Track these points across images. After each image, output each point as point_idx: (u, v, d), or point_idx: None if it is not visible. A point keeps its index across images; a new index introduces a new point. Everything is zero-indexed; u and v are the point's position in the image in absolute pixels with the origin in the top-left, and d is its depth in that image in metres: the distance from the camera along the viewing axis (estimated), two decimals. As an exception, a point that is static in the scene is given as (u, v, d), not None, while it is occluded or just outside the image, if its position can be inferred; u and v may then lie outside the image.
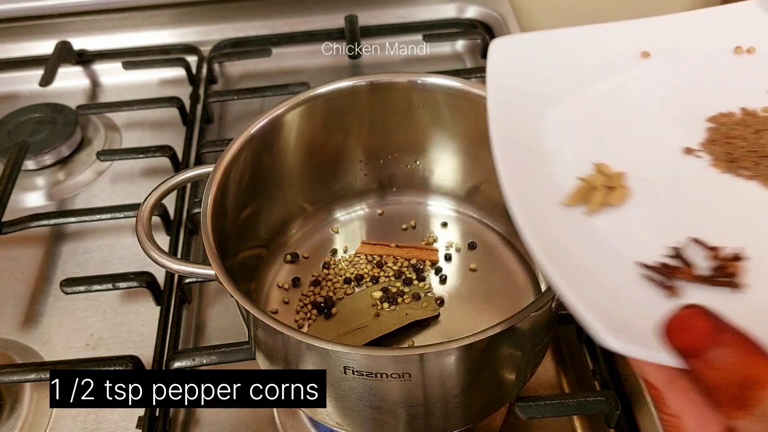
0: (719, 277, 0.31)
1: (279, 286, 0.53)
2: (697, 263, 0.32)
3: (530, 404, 0.45)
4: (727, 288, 0.31)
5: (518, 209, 0.33)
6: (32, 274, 0.62)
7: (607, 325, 0.28)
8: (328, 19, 0.84)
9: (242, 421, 0.50)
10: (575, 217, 0.35)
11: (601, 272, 0.32)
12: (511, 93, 0.40)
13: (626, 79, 0.42)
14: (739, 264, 0.32)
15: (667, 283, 0.31)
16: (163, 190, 0.46)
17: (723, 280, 0.31)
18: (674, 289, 0.31)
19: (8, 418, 0.51)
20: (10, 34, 0.85)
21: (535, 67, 0.42)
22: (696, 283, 0.31)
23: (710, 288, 0.31)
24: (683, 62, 0.42)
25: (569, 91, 0.41)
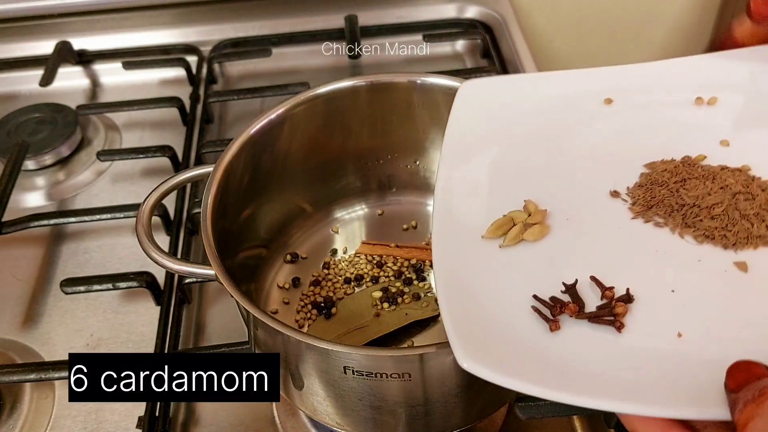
0: (603, 316, 0.33)
1: (279, 286, 0.53)
2: (587, 301, 0.34)
3: (530, 404, 0.45)
4: (609, 326, 0.33)
5: (438, 235, 0.37)
6: (32, 274, 0.62)
7: (467, 346, 0.31)
8: (328, 19, 0.84)
9: (242, 421, 0.50)
10: (490, 249, 0.37)
11: (491, 300, 0.34)
12: (466, 134, 0.43)
13: (579, 122, 0.43)
14: (625, 305, 0.33)
15: (550, 317, 0.33)
16: (163, 190, 0.46)
17: (605, 319, 0.33)
18: (556, 323, 0.33)
19: (8, 418, 0.51)
20: (10, 34, 0.85)
21: (496, 109, 0.44)
22: (580, 319, 0.33)
23: (592, 325, 0.33)
24: (640, 109, 0.43)
25: (521, 132, 0.43)
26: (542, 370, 0.31)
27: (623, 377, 0.30)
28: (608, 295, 0.34)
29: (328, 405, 0.40)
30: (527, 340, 0.33)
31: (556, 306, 0.34)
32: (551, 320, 0.33)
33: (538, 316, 0.33)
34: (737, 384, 0.26)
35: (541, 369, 0.31)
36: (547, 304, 0.34)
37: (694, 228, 0.36)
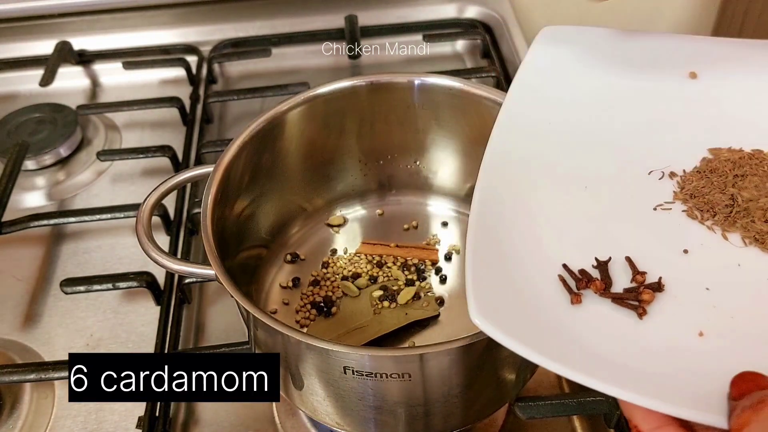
0: (628, 299, 0.32)
1: (279, 286, 0.53)
2: (616, 282, 0.33)
3: (530, 404, 0.45)
4: (631, 311, 0.32)
5: (485, 171, 0.37)
6: (32, 274, 0.62)
7: (482, 302, 0.30)
8: (328, 19, 0.84)
9: (242, 421, 0.50)
10: (532, 206, 0.36)
11: (519, 260, 0.34)
12: (537, 77, 0.42)
13: (655, 89, 0.41)
14: (653, 293, 0.32)
15: (574, 290, 0.33)
16: (163, 190, 0.46)
17: (630, 303, 0.32)
18: (578, 297, 0.32)
19: (8, 418, 0.51)
20: (10, 34, 0.85)
21: (570, 59, 0.43)
22: (604, 297, 0.32)
23: (614, 307, 0.32)
24: (722, 89, 0.41)
25: (588, 91, 0.41)
26: (550, 341, 0.30)
27: (631, 365, 0.30)
28: (639, 279, 0.33)
29: (328, 405, 0.40)
30: (545, 308, 0.32)
31: (583, 279, 0.33)
32: (574, 293, 0.32)
33: (563, 286, 0.33)
34: (740, 393, 0.26)
35: (549, 339, 0.30)
36: (574, 276, 0.33)
37: (745, 229, 0.35)
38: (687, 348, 0.30)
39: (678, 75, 0.42)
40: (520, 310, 0.31)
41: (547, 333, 0.31)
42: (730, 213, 0.35)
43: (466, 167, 0.55)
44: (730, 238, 0.35)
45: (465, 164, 0.55)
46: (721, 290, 0.33)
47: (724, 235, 0.35)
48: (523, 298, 0.32)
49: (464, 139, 0.53)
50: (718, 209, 0.36)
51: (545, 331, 0.31)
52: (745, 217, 0.35)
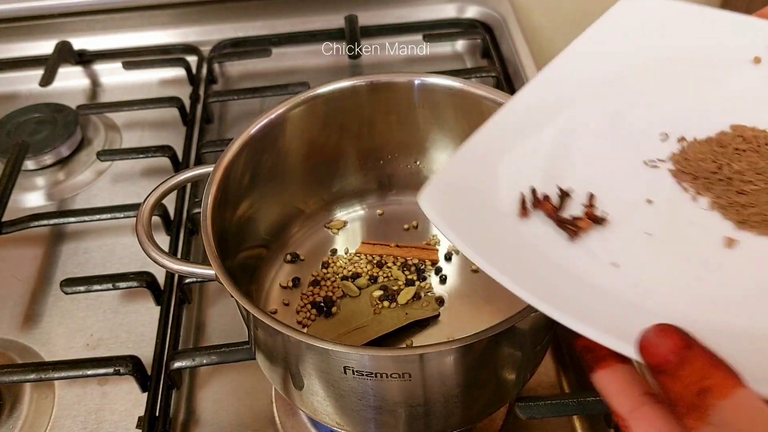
0: (567, 223, 0.35)
1: (279, 286, 0.53)
2: (571, 212, 0.36)
3: (530, 404, 0.45)
4: (565, 233, 0.35)
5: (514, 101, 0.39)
6: (32, 274, 0.62)
7: (436, 192, 0.34)
8: (328, 19, 0.84)
9: (242, 421, 0.50)
10: (522, 141, 0.39)
11: (494, 174, 0.37)
12: (605, 40, 0.43)
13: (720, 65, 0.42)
14: (590, 222, 0.35)
15: (527, 205, 0.35)
16: (163, 190, 0.46)
17: (567, 226, 0.35)
18: (526, 211, 0.35)
19: (8, 418, 0.51)
20: (10, 34, 0.85)
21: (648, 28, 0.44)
22: (550, 219, 0.35)
23: (557, 230, 0.35)
24: None
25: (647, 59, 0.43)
26: (486, 241, 0.33)
27: (552, 282, 0.32)
28: (588, 212, 0.36)
29: (328, 405, 0.40)
30: (495, 216, 0.35)
31: (536, 199, 0.36)
32: (524, 208, 0.35)
33: (520, 202, 0.36)
34: (658, 362, 0.24)
35: (485, 239, 0.33)
36: (536, 197, 0.36)
37: (716, 195, 0.36)
38: (600, 275, 0.32)
39: (742, 58, 0.43)
40: (471, 210, 0.34)
41: (485, 234, 0.33)
42: (708, 179, 0.37)
43: (466, 167, 0.55)
44: (699, 200, 0.36)
45: (465, 164, 0.55)
46: (660, 238, 0.34)
47: (694, 196, 0.36)
48: (480, 201, 0.35)
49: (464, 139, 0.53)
50: (701, 174, 0.37)
51: (485, 232, 0.33)
52: (723, 186, 0.36)
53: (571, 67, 0.42)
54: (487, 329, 0.35)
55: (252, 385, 0.52)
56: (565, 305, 0.29)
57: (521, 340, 0.39)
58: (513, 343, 0.38)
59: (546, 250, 0.34)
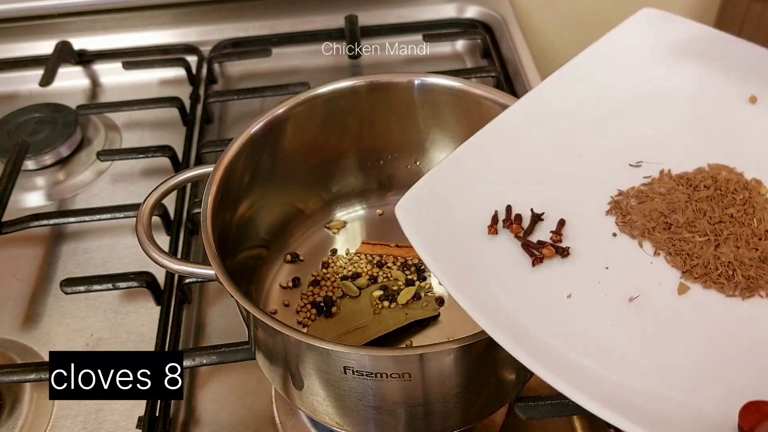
0: (532, 247, 0.36)
1: (279, 286, 0.53)
2: (539, 235, 0.37)
3: (530, 404, 0.45)
4: (528, 255, 0.36)
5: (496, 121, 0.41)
6: (32, 274, 0.62)
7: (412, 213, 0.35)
8: (328, 19, 0.84)
9: (242, 421, 0.50)
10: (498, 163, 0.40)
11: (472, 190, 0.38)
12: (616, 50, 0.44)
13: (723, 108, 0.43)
14: (553, 252, 0.36)
15: (495, 224, 0.37)
16: (163, 190, 0.46)
17: (531, 250, 0.36)
18: (494, 228, 0.37)
19: (8, 418, 0.51)
20: (10, 34, 0.85)
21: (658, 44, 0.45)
22: (516, 238, 0.37)
23: (521, 252, 0.36)
24: None
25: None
26: (451, 256, 0.34)
27: (507, 306, 0.33)
28: (554, 238, 0.37)
29: (328, 405, 0.40)
30: (465, 232, 0.36)
31: (509, 220, 0.37)
32: (493, 226, 0.37)
33: (492, 218, 0.37)
34: (750, 425, 0.26)
35: (451, 254, 0.34)
36: (508, 213, 0.37)
37: (656, 241, 0.36)
38: (554, 304, 0.34)
39: (739, 94, 0.43)
40: (444, 224, 0.36)
41: (453, 249, 0.35)
42: (653, 227, 0.37)
43: (466, 167, 0.55)
44: (644, 245, 0.37)
45: (465, 164, 0.55)
46: (617, 273, 0.35)
47: (640, 243, 0.37)
48: (454, 215, 0.37)
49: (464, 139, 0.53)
50: (646, 217, 0.38)
51: (454, 247, 0.35)
52: (664, 233, 0.37)
53: (564, 86, 0.42)
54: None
55: (252, 385, 0.52)
56: (519, 336, 0.31)
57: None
58: (513, 343, 0.38)
59: (508, 272, 0.35)
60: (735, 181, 0.38)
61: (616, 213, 0.38)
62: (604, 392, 0.29)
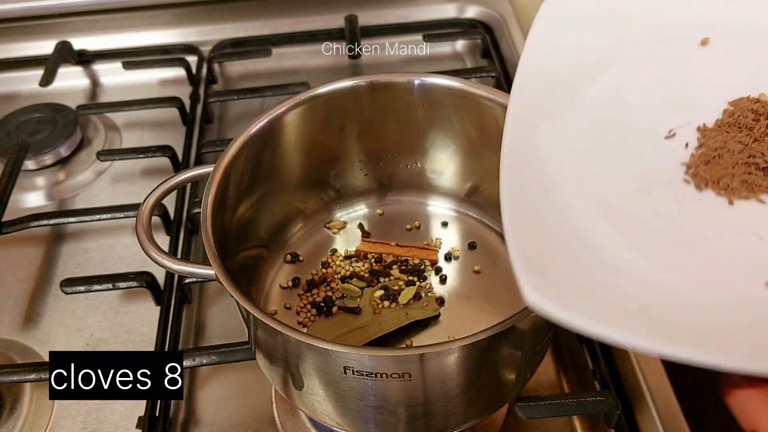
0: None
1: (279, 286, 0.53)
2: None
3: (530, 404, 0.45)
4: None
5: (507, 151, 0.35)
6: (32, 274, 0.62)
7: (532, 279, 0.27)
8: (328, 19, 0.84)
9: (242, 421, 0.50)
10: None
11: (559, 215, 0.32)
12: (547, 53, 0.42)
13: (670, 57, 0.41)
14: None
15: None
16: (163, 190, 0.46)
17: None
18: None
19: (8, 418, 0.51)
20: (10, 34, 0.85)
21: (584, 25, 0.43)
22: None
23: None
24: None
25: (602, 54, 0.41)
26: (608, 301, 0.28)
27: (684, 320, 0.28)
28: None
29: (328, 405, 0.40)
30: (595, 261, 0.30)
31: None
32: None
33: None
34: None
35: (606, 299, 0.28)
36: None
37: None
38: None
39: (690, 41, 0.41)
40: (573, 272, 0.29)
41: (603, 291, 0.28)
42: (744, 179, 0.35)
43: (466, 167, 0.55)
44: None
45: (465, 164, 0.55)
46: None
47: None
48: (572, 255, 0.30)
49: (464, 138, 0.53)
50: (732, 173, 0.35)
51: (601, 289, 0.29)
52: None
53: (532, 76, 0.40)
54: (487, 329, 0.35)
55: (252, 385, 0.52)
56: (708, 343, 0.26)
57: (521, 340, 0.39)
58: (513, 343, 0.38)
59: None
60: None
61: (703, 185, 0.35)
62: None
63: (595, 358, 0.51)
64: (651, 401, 0.47)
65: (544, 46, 0.41)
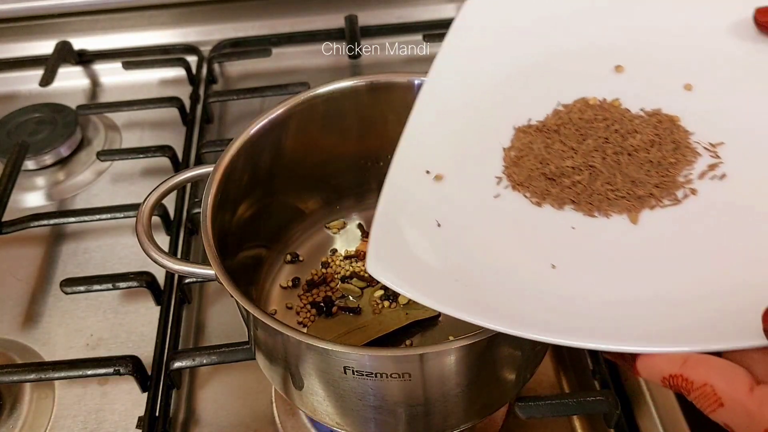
0: None
1: (279, 286, 0.53)
2: None
3: (530, 404, 0.45)
4: None
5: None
6: (32, 274, 0.62)
7: (380, 256, 0.34)
8: (328, 19, 0.84)
9: (242, 421, 0.50)
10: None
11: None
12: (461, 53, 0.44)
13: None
14: None
15: None
16: (163, 190, 0.46)
17: None
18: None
19: (8, 418, 0.51)
20: (10, 34, 0.85)
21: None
22: None
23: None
24: None
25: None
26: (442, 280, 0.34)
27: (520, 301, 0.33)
28: None
29: (328, 405, 0.40)
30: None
31: None
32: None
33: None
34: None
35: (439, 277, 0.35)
36: None
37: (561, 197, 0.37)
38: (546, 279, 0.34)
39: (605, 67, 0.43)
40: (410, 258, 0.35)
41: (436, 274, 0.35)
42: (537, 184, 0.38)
43: (466, 167, 0.55)
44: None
45: (465, 164, 0.55)
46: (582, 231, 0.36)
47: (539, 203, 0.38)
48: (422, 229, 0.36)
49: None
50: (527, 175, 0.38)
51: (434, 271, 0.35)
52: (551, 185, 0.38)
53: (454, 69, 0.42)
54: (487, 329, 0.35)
55: (252, 385, 0.52)
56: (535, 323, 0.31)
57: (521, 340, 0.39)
58: (513, 343, 0.38)
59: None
60: (594, 109, 0.39)
61: (505, 172, 0.39)
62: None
63: (595, 358, 0.51)
64: (651, 401, 0.47)
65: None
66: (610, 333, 0.29)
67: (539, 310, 0.32)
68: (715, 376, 0.26)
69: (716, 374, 0.26)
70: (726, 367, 0.27)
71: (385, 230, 0.36)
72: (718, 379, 0.26)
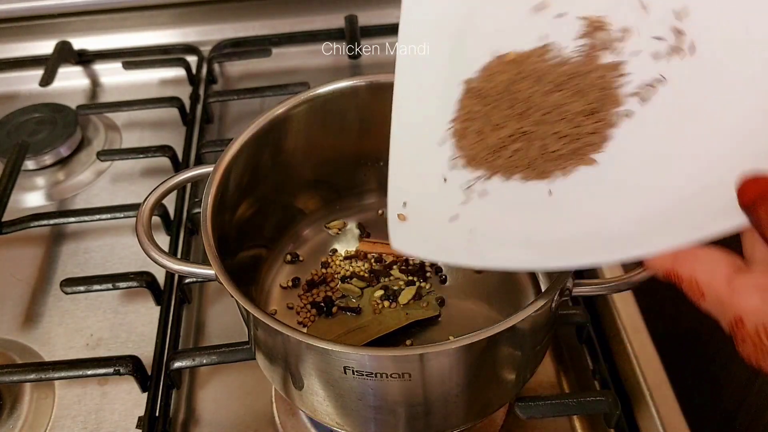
0: None
1: (279, 286, 0.53)
2: None
3: (530, 404, 0.45)
4: None
5: None
6: (32, 274, 0.62)
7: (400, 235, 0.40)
8: (328, 19, 0.84)
9: (242, 421, 0.50)
10: None
11: None
12: None
13: None
14: None
15: None
16: (163, 190, 0.46)
17: None
18: None
19: (8, 418, 0.51)
20: (10, 34, 0.85)
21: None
22: None
23: None
24: None
25: None
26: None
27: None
28: None
29: (328, 405, 0.40)
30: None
31: None
32: None
33: None
34: (750, 198, 0.26)
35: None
36: None
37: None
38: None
39: None
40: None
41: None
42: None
43: (466, 167, 0.55)
44: None
45: (465, 164, 0.55)
46: None
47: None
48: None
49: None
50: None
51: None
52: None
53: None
54: (487, 329, 0.35)
55: (252, 385, 0.52)
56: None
57: (521, 340, 0.39)
58: (513, 343, 0.38)
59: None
60: (511, 66, 0.40)
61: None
62: None
63: (595, 358, 0.51)
64: (651, 401, 0.47)
65: None
66: (616, 248, 0.31)
67: (555, 241, 0.34)
68: (698, 268, 0.28)
69: (699, 267, 0.28)
70: (707, 259, 0.28)
71: (398, 204, 0.41)
72: (700, 271, 0.28)
